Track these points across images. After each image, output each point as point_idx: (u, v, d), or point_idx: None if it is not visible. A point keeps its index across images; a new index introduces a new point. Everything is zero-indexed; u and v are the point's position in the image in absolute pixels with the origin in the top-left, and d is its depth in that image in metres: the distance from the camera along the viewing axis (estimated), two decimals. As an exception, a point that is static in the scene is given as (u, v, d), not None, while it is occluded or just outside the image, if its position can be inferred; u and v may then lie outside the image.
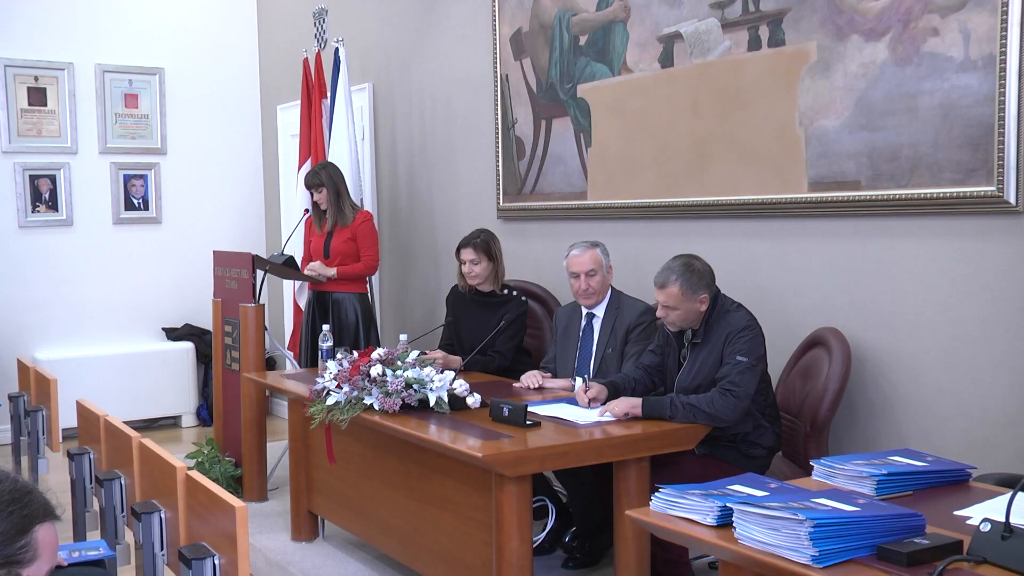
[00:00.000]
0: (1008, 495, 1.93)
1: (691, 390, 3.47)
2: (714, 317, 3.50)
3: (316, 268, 5.29)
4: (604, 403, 3.53)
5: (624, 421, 3.39)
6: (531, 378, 4.02)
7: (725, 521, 2.12)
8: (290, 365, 5.59)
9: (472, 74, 5.48)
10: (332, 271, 5.26)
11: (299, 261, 5.48)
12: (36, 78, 6.89)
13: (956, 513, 2.19)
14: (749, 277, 3.98)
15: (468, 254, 4.54)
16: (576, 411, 3.51)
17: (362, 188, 6.01)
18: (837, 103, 3.63)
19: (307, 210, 5.61)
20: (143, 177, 7.29)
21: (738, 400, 3.35)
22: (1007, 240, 3.20)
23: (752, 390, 3.40)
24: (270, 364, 6.89)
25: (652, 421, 3.38)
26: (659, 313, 3.57)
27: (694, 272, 3.49)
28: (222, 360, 5.48)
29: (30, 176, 6.88)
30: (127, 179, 7.24)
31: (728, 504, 2.13)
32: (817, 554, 1.88)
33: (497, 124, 5.29)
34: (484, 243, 4.54)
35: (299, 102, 6.34)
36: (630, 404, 3.42)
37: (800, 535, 1.90)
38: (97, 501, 3.04)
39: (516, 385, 4.06)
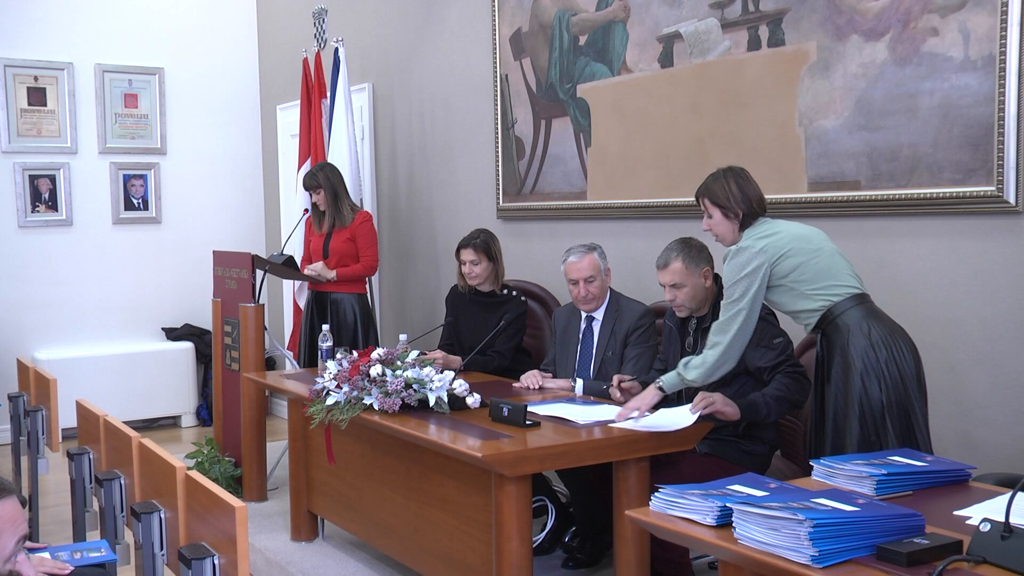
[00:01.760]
0: (1008, 495, 1.93)
1: None
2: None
3: (316, 269, 5.29)
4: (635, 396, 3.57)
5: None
6: (531, 378, 4.02)
7: (725, 521, 2.12)
8: (290, 365, 5.60)
9: (472, 74, 5.48)
10: (332, 274, 5.26)
11: (299, 261, 5.48)
12: (36, 78, 6.89)
13: (956, 513, 2.19)
14: (749, 277, 3.97)
15: (468, 254, 4.54)
16: (576, 411, 3.51)
17: (362, 188, 6.01)
18: (837, 103, 3.63)
19: (307, 210, 5.61)
20: (143, 177, 7.29)
21: (807, 379, 3.39)
22: (1007, 240, 3.20)
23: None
24: (270, 364, 6.89)
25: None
26: (667, 296, 3.58)
27: (693, 247, 3.57)
28: (222, 360, 5.48)
29: (30, 176, 6.88)
30: (127, 179, 7.24)
31: (728, 504, 2.13)
32: (817, 554, 1.88)
33: (497, 124, 5.29)
34: (484, 243, 4.54)
35: (299, 102, 6.34)
36: (725, 401, 3.32)
37: (800, 535, 1.90)
38: (97, 501, 3.04)
39: (516, 385, 4.06)
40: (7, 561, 1.92)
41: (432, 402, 3.57)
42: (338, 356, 3.89)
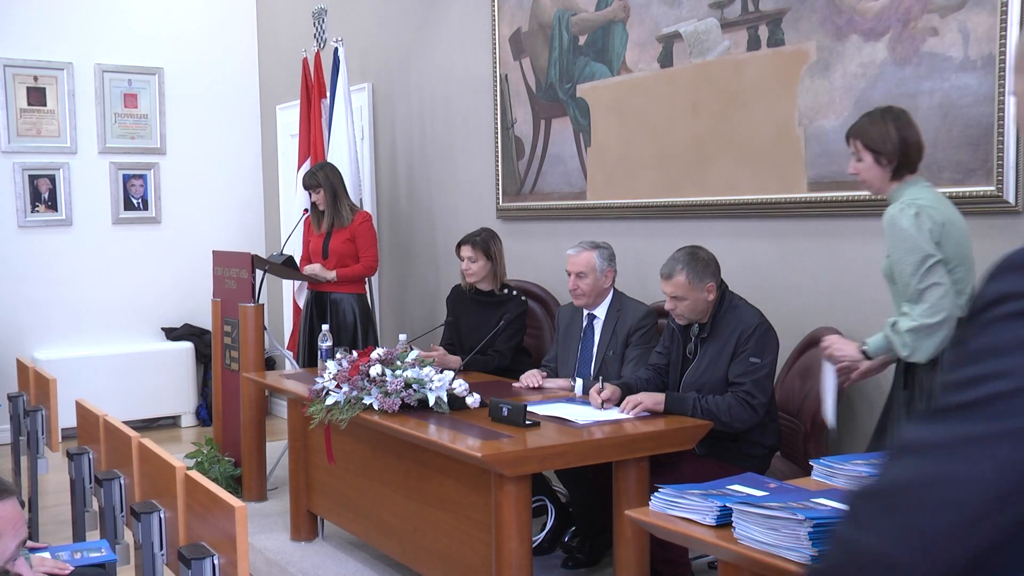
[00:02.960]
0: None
1: (700, 386, 3.48)
2: (722, 311, 3.51)
3: (315, 270, 5.29)
4: (618, 404, 3.54)
5: (641, 416, 3.42)
6: (530, 378, 4.02)
7: (724, 521, 2.12)
8: (289, 365, 5.60)
9: (472, 74, 5.48)
10: (332, 275, 5.26)
11: (298, 261, 5.48)
12: (35, 78, 6.89)
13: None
14: (749, 277, 3.98)
15: (466, 251, 4.55)
16: (576, 410, 3.51)
17: (361, 188, 6.01)
18: (836, 103, 3.63)
19: (306, 210, 5.61)
20: (142, 177, 7.29)
21: (755, 411, 3.40)
22: (1006, 240, 3.20)
23: (768, 397, 3.43)
24: (269, 364, 6.89)
25: (653, 419, 3.39)
26: (668, 305, 3.57)
27: (699, 261, 3.50)
28: (221, 360, 5.48)
29: (29, 176, 6.88)
30: (126, 179, 7.24)
31: (727, 504, 2.13)
32: (817, 554, 1.88)
33: (497, 124, 5.29)
34: (484, 242, 4.55)
35: (298, 102, 6.34)
36: (654, 400, 3.44)
37: (799, 535, 1.90)
38: (96, 501, 3.04)
39: (516, 385, 4.06)
40: (6, 563, 1.92)
41: (432, 402, 3.57)
42: (338, 356, 3.89)
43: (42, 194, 6.93)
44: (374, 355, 3.74)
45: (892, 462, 0.96)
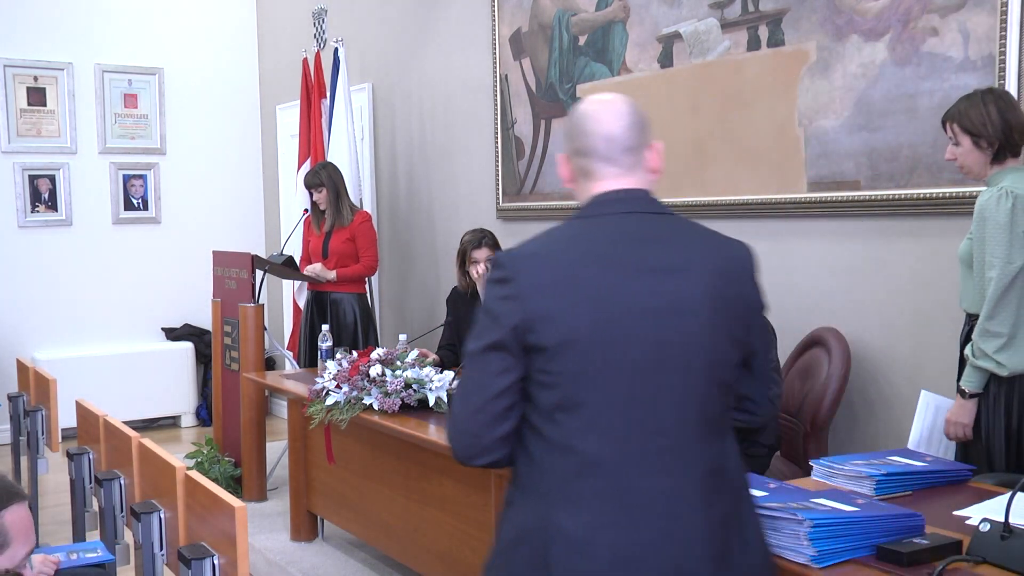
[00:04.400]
0: (1007, 495, 1.93)
1: None
2: None
3: (316, 270, 5.29)
4: None
5: None
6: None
7: (724, 521, 2.12)
8: (289, 365, 5.60)
9: (472, 74, 5.48)
10: (332, 274, 5.26)
11: (298, 261, 5.49)
12: (35, 78, 6.89)
13: (955, 513, 2.19)
14: (748, 277, 3.98)
15: (484, 253, 4.50)
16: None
17: (361, 188, 6.01)
18: (836, 103, 3.63)
19: (306, 210, 5.62)
20: (142, 177, 7.29)
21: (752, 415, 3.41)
22: (1006, 240, 3.20)
23: None
24: (269, 364, 6.89)
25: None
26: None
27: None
28: (221, 360, 5.48)
29: (29, 176, 6.88)
30: (126, 179, 7.24)
31: (727, 504, 2.13)
32: (816, 554, 1.88)
33: (496, 124, 5.29)
34: (493, 239, 4.55)
35: (298, 102, 6.34)
36: None
37: (799, 535, 1.90)
38: (96, 501, 3.04)
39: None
40: (14, 567, 1.92)
41: (432, 402, 3.57)
42: (338, 356, 3.90)
43: (42, 194, 6.93)
44: (374, 355, 3.74)
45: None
